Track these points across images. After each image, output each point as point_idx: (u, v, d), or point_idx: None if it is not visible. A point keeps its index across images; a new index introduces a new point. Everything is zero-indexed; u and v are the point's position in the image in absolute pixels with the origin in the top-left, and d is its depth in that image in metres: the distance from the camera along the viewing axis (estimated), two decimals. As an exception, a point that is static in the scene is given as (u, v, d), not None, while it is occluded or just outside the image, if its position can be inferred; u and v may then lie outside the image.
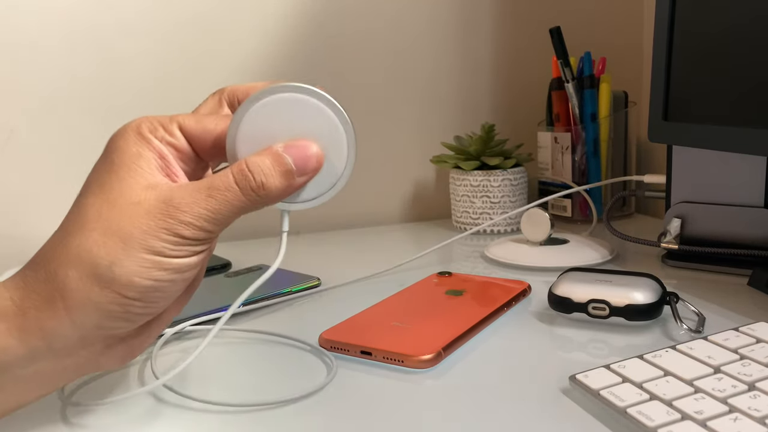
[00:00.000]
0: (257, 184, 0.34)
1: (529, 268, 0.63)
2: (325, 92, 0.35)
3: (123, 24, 0.75)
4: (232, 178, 0.34)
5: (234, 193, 0.34)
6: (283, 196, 0.35)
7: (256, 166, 0.34)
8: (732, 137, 0.51)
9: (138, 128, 0.35)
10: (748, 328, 0.40)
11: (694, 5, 0.55)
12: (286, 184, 0.35)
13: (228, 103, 0.39)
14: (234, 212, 0.34)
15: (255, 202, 0.34)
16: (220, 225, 0.34)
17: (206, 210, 0.33)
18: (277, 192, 0.34)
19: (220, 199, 0.33)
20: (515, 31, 0.91)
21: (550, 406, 0.36)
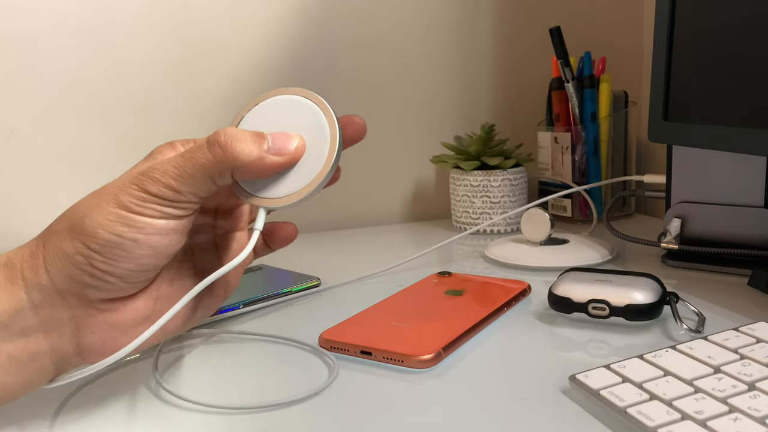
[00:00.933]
0: (223, 141, 0.34)
1: (529, 268, 0.63)
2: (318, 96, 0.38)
3: (123, 25, 0.75)
4: (204, 139, 0.35)
5: (202, 150, 0.34)
6: (252, 166, 0.35)
7: (230, 130, 0.35)
8: (732, 137, 0.51)
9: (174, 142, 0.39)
10: (748, 328, 0.40)
11: (694, 5, 0.55)
12: (256, 153, 0.35)
13: None
14: (199, 170, 0.34)
15: (222, 162, 0.34)
16: (186, 184, 0.34)
17: (173, 166, 0.34)
18: (245, 156, 0.34)
19: (187, 157, 0.34)
20: (515, 31, 0.91)
21: (550, 406, 0.36)
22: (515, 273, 0.62)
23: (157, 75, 0.77)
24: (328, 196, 0.85)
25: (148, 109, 0.77)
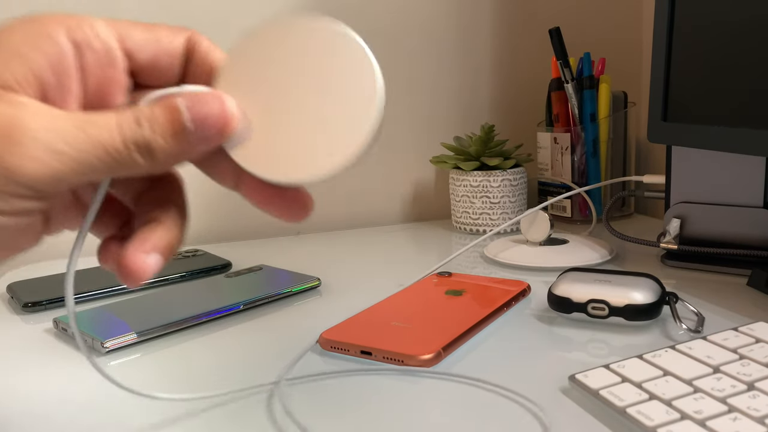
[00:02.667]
0: (142, 140, 0.25)
1: (529, 268, 0.63)
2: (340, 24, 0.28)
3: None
4: (115, 120, 0.25)
5: (113, 135, 0.25)
6: (173, 161, 0.26)
7: (146, 118, 0.26)
8: (732, 137, 0.51)
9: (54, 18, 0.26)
10: (747, 328, 0.40)
11: (694, 6, 0.55)
12: (178, 149, 0.26)
13: None
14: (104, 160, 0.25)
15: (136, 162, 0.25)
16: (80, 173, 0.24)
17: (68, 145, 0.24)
18: (164, 155, 0.26)
19: (92, 135, 0.24)
20: (515, 32, 0.91)
21: (550, 406, 0.36)
22: (515, 273, 0.62)
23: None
24: (328, 196, 0.85)
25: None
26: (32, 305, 0.55)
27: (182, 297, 0.55)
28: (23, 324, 0.53)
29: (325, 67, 0.27)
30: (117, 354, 0.46)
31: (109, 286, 0.59)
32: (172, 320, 0.49)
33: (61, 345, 0.48)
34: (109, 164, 0.25)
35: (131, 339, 0.47)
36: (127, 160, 0.25)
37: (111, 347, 0.46)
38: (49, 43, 0.25)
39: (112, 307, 0.53)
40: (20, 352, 0.47)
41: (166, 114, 0.26)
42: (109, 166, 0.25)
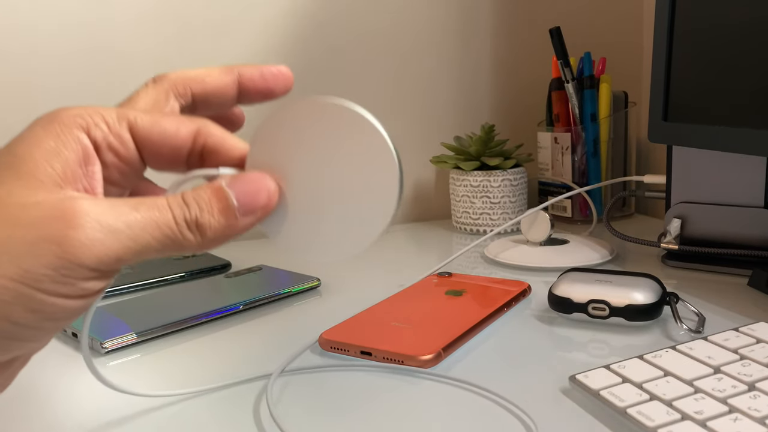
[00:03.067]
0: (191, 217, 0.27)
1: (529, 269, 0.63)
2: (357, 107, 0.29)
3: (124, 27, 0.75)
4: (165, 201, 0.27)
5: (165, 213, 0.26)
6: (223, 237, 0.28)
7: (192, 198, 0.27)
8: (732, 137, 0.51)
9: (71, 119, 0.27)
10: (748, 328, 0.40)
11: (694, 5, 0.55)
12: (225, 224, 0.28)
13: (176, 94, 0.31)
14: (158, 238, 0.26)
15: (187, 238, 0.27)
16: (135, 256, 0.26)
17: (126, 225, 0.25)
18: (213, 231, 0.27)
19: (145, 215, 0.26)
20: (515, 32, 0.91)
21: (550, 406, 0.36)
22: (515, 273, 0.62)
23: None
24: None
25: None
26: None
27: (182, 297, 0.55)
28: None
29: (347, 148, 0.28)
30: (116, 354, 0.46)
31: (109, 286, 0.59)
32: (172, 320, 0.49)
33: (61, 345, 0.48)
34: (162, 242, 0.26)
35: (131, 339, 0.47)
36: (179, 237, 0.27)
37: (110, 347, 0.46)
38: (75, 141, 0.27)
39: (112, 307, 0.53)
40: (20, 353, 0.47)
41: (211, 192, 0.28)
42: (162, 245, 0.26)
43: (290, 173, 0.29)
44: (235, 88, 0.32)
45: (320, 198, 0.29)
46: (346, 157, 0.28)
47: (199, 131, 0.29)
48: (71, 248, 0.24)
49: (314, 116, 0.29)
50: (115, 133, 0.28)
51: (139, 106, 0.30)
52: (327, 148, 0.28)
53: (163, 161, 0.29)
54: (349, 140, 0.28)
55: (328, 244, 0.29)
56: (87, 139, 0.27)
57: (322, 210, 0.29)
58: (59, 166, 0.26)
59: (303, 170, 0.29)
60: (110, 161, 0.28)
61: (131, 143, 0.28)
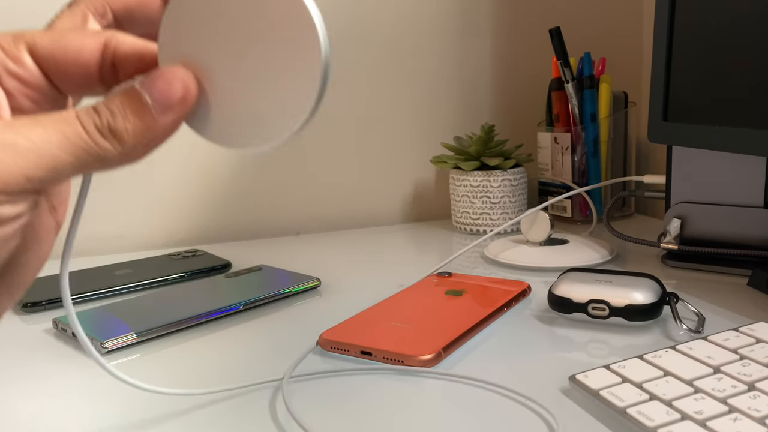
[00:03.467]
0: (103, 123, 0.25)
1: (529, 269, 0.63)
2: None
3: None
4: (72, 112, 0.25)
5: (72, 124, 0.24)
6: (146, 142, 0.26)
7: (101, 104, 0.25)
8: (732, 137, 0.51)
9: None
10: (747, 328, 0.40)
11: (694, 5, 0.55)
12: (143, 125, 0.25)
13: (95, 13, 0.29)
14: (70, 151, 0.24)
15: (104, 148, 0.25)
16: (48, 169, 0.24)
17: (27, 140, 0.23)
18: (132, 136, 0.25)
19: (49, 127, 0.24)
20: (515, 32, 0.91)
21: (550, 406, 0.36)
22: (515, 273, 0.62)
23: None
24: (328, 196, 0.85)
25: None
26: (31, 305, 0.55)
27: (182, 297, 0.55)
28: (23, 324, 0.53)
29: (266, 24, 0.25)
30: (117, 354, 0.46)
31: (109, 286, 0.59)
32: (172, 320, 0.49)
33: (61, 345, 0.48)
34: (77, 156, 0.24)
35: (131, 339, 0.47)
36: (94, 148, 0.24)
37: (111, 347, 0.46)
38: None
39: (112, 307, 0.53)
40: (20, 353, 0.47)
41: (122, 96, 0.25)
42: (78, 158, 0.24)
43: (207, 62, 0.27)
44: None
45: (242, 84, 0.26)
46: (265, 33, 0.26)
47: (106, 42, 0.27)
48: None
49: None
50: (12, 56, 0.26)
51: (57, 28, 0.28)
52: (243, 26, 0.26)
53: (73, 82, 0.27)
54: (266, 13, 0.26)
55: (254, 131, 0.27)
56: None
57: (245, 96, 0.26)
58: None
59: (220, 56, 0.26)
60: (13, 87, 0.26)
61: (33, 66, 0.26)
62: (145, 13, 0.30)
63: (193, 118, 0.27)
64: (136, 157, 0.26)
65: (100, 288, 0.59)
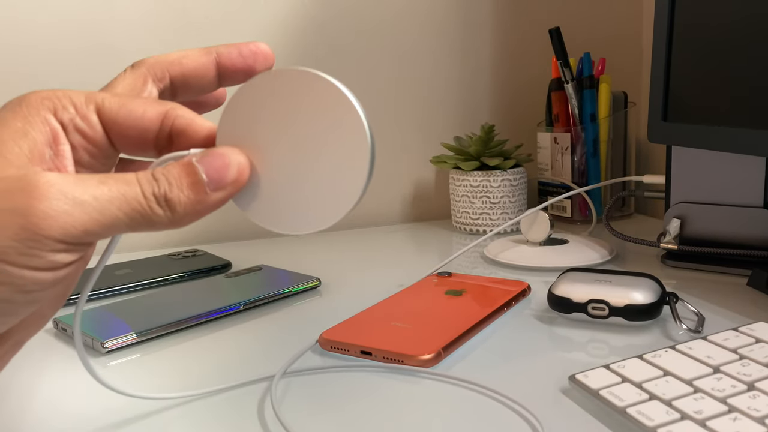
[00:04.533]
0: (160, 192, 0.27)
1: (529, 268, 0.63)
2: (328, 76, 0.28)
3: (123, 26, 0.75)
4: (134, 176, 0.27)
5: (133, 188, 0.26)
6: (194, 213, 0.28)
7: (161, 173, 0.27)
8: (732, 137, 0.51)
9: (39, 102, 0.27)
10: (747, 328, 0.40)
11: (694, 6, 0.55)
12: (195, 199, 0.27)
13: (154, 78, 0.31)
14: (126, 212, 0.26)
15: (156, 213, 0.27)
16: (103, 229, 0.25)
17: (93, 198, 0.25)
18: (183, 206, 0.27)
19: (113, 188, 0.26)
20: (515, 32, 0.91)
21: (550, 406, 0.36)
22: (515, 273, 0.62)
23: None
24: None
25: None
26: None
27: (182, 297, 0.55)
28: (23, 324, 0.53)
29: (318, 120, 0.28)
30: (117, 354, 0.46)
31: (109, 286, 0.59)
32: (172, 320, 0.49)
33: (61, 345, 0.48)
34: (132, 217, 0.26)
35: (131, 339, 0.47)
36: (148, 212, 0.26)
37: (111, 347, 0.46)
38: (42, 122, 0.27)
39: (112, 307, 0.53)
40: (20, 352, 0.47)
41: (180, 168, 0.27)
42: (132, 219, 0.26)
43: (261, 147, 0.29)
44: (213, 69, 0.32)
45: (292, 171, 0.28)
46: (317, 128, 0.28)
47: (167, 113, 0.29)
48: (36, 219, 0.24)
49: (283, 87, 0.28)
50: (82, 114, 0.28)
51: (116, 91, 0.30)
52: (297, 119, 0.28)
53: (131, 144, 0.29)
54: (319, 110, 0.28)
55: (301, 216, 0.29)
56: (55, 121, 0.27)
57: (294, 183, 0.28)
58: (26, 146, 0.26)
59: (274, 143, 0.28)
60: (78, 143, 0.28)
61: (98, 125, 0.28)
62: (199, 84, 0.32)
63: (241, 197, 0.29)
64: (181, 225, 0.28)
65: (100, 288, 0.59)
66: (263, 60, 0.33)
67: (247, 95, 0.29)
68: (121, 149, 0.30)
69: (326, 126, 0.28)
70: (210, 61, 0.32)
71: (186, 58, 0.32)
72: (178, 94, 0.33)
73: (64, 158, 0.27)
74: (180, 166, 0.27)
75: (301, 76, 0.28)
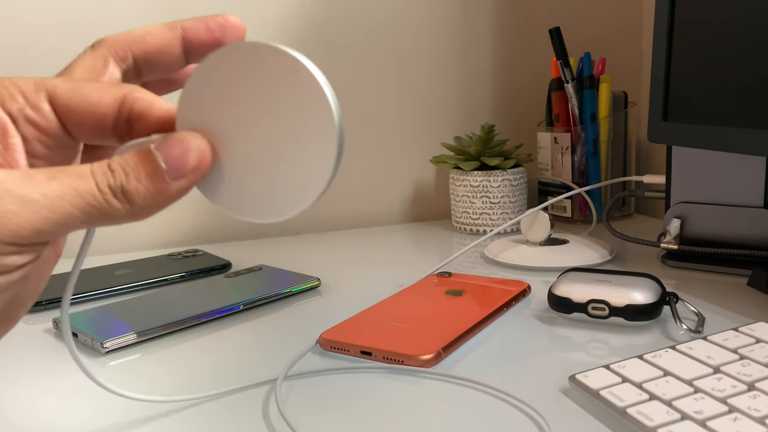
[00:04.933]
0: (116, 183, 0.25)
1: (529, 269, 0.63)
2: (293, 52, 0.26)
3: (121, 25, 0.75)
4: (88, 168, 0.25)
5: (86, 181, 0.25)
6: (155, 204, 0.26)
7: (117, 163, 0.25)
8: (732, 137, 0.51)
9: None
10: (747, 328, 0.40)
11: (694, 5, 0.55)
12: (154, 189, 0.26)
13: (116, 58, 0.29)
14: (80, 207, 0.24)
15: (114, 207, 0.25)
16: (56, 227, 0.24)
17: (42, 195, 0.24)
18: (142, 198, 0.25)
19: (64, 183, 0.24)
20: (515, 32, 0.91)
21: (550, 406, 0.36)
22: (515, 273, 0.62)
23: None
24: (328, 196, 0.85)
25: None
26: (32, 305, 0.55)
27: (182, 297, 0.55)
28: (22, 324, 0.53)
29: (281, 98, 0.26)
30: (117, 354, 0.46)
31: (109, 286, 0.59)
32: (172, 320, 0.49)
33: (61, 345, 0.48)
34: (87, 212, 0.25)
35: (131, 339, 0.47)
36: (104, 206, 0.25)
37: (111, 347, 0.46)
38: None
39: (112, 307, 0.53)
40: (20, 352, 0.47)
41: (137, 157, 0.26)
42: (87, 215, 0.25)
43: (223, 129, 0.27)
44: (179, 44, 0.30)
45: (256, 154, 0.27)
46: (281, 108, 0.26)
47: (125, 97, 0.27)
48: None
49: (244, 63, 0.26)
50: (32, 104, 0.26)
51: (75, 74, 0.29)
52: (259, 97, 0.26)
53: (88, 131, 0.27)
54: (282, 88, 0.26)
55: (268, 203, 0.27)
56: (2, 112, 0.26)
57: (259, 168, 0.27)
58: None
59: (236, 125, 0.27)
60: (30, 134, 0.26)
61: (51, 114, 0.26)
62: (164, 61, 0.30)
63: (205, 184, 0.28)
64: (142, 217, 0.26)
65: (100, 288, 0.59)
66: (233, 33, 0.30)
67: (206, 73, 0.27)
68: (79, 137, 0.28)
69: (290, 105, 0.26)
70: (175, 37, 0.30)
71: (149, 34, 0.30)
72: (142, 73, 0.30)
73: (14, 152, 0.26)
74: (137, 154, 0.26)
75: (262, 51, 0.26)
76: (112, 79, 0.29)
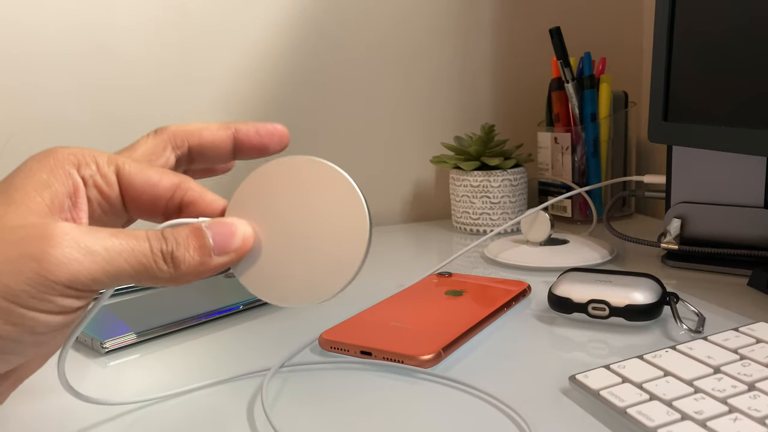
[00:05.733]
0: (167, 249, 0.29)
1: (529, 269, 0.63)
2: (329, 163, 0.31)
3: (124, 29, 0.75)
4: (144, 233, 0.29)
5: (142, 243, 0.28)
6: (196, 273, 0.30)
7: (170, 233, 0.30)
8: (732, 137, 0.51)
9: (65, 156, 0.30)
10: (747, 328, 0.40)
11: (694, 5, 0.55)
12: (199, 260, 0.30)
13: (174, 145, 0.34)
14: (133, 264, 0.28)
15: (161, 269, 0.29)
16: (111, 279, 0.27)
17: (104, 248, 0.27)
18: (187, 266, 0.29)
19: (123, 241, 0.28)
20: (515, 32, 0.91)
21: (550, 406, 0.36)
22: (515, 273, 0.62)
23: (157, 79, 0.77)
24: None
25: (149, 112, 0.77)
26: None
27: (182, 297, 0.55)
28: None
29: (321, 202, 0.31)
30: (116, 354, 0.46)
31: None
32: (172, 320, 0.49)
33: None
34: (137, 269, 0.28)
35: (131, 339, 0.47)
36: (153, 267, 0.28)
37: (110, 347, 0.46)
38: (65, 175, 0.29)
39: (112, 307, 0.53)
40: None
41: (189, 231, 0.30)
42: (137, 272, 0.28)
43: (265, 222, 0.32)
44: (230, 143, 0.35)
45: (292, 246, 0.31)
46: (319, 209, 0.31)
47: (180, 185, 0.32)
48: (48, 264, 0.26)
49: (289, 172, 0.31)
50: (102, 173, 0.30)
51: (137, 153, 0.33)
52: (301, 201, 0.31)
53: (142, 207, 0.32)
54: (321, 192, 0.31)
55: (296, 290, 0.31)
56: (77, 175, 0.30)
57: (292, 257, 0.31)
58: (48, 196, 0.28)
59: (278, 221, 0.31)
60: (95, 198, 0.30)
61: (116, 185, 0.31)
62: (215, 155, 0.35)
63: (239, 264, 0.32)
64: (180, 283, 0.30)
65: (100, 288, 0.59)
66: (278, 141, 0.35)
67: (260, 176, 0.32)
68: (131, 210, 0.32)
69: (327, 206, 0.31)
70: (228, 136, 0.35)
71: (206, 130, 0.34)
72: (194, 161, 0.35)
73: (80, 210, 0.30)
74: (189, 229, 0.30)
75: (308, 163, 0.31)
76: (168, 163, 0.34)
